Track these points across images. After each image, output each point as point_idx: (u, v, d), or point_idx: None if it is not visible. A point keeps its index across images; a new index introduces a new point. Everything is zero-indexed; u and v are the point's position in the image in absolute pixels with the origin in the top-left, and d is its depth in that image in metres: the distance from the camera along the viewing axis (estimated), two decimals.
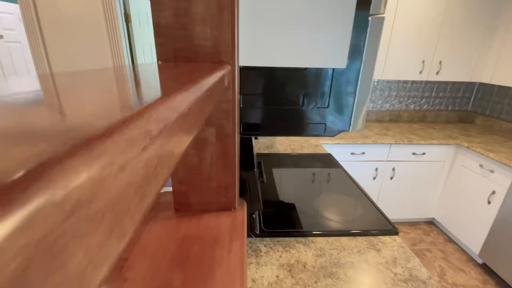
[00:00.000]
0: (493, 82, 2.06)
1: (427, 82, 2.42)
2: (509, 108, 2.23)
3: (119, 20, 2.23)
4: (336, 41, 0.62)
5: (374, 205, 1.06)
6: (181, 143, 0.17)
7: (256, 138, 1.76)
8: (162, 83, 0.25)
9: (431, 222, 2.36)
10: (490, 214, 1.80)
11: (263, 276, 0.74)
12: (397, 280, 0.73)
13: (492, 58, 2.07)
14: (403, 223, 2.33)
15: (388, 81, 2.38)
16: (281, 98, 0.74)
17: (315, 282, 0.72)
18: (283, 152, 1.71)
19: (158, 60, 0.55)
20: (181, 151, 0.17)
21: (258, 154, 1.64)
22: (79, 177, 0.06)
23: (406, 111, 2.49)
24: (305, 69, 0.69)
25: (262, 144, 1.86)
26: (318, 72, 0.70)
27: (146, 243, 0.61)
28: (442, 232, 2.25)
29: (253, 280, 0.72)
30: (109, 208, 0.08)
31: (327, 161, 1.53)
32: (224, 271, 0.55)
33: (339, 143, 1.95)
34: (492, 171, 1.77)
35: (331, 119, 0.75)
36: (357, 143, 1.94)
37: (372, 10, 0.64)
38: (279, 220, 0.96)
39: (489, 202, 1.80)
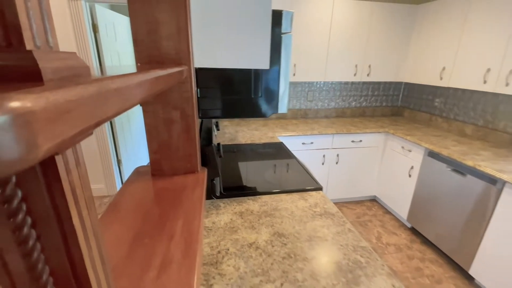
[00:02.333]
0: (411, 81, 2.58)
1: (364, 83, 2.89)
2: (426, 102, 2.77)
3: (87, 30, 2.38)
4: (259, 49, 0.93)
5: (307, 171, 1.39)
6: (162, 82, 0.44)
7: (218, 129, 2.02)
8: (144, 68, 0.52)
9: (373, 200, 2.81)
10: (411, 185, 2.26)
11: (221, 220, 1.01)
12: (315, 215, 1.05)
13: (409, 62, 2.59)
14: (350, 202, 2.74)
15: (332, 83, 2.81)
16: (228, 90, 1.03)
17: (258, 220, 1.00)
18: (244, 143, 2.00)
19: (137, 63, 0.81)
20: (158, 89, 0.44)
21: (223, 145, 1.91)
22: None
23: (349, 108, 2.94)
24: (242, 69, 0.99)
25: (226, 138, 2.13)
26: (252, 72, 1.00)
27: (132, 193, 0.85)
28: (381, 206, 2.69)
29: (213, 223, 0.99)
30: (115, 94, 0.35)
31: (279, 147, 1.85)
32: (189, 204, 0.81)
33: (291, 135, 2.29)
34: (410, 151, 2.24)
35: (264, 105, 1.06)
36: (306, 134, 2.30)
37: (283, 29, 0.96)
38: (235, 186, 1.24)
39: (409, 176, 2.26)
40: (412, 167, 2.23)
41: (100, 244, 0.27)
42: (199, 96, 0.99)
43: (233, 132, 2.35)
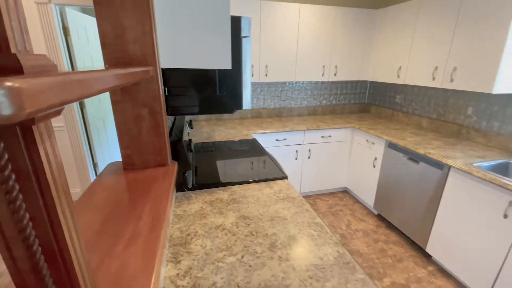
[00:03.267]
0: (374, 80, 2.80)
1: (332, 82, 3.08)
2: (389, 99, 3.00)
3: (58, 33, 2.37)
4: (221, 51, 1.03)
5: (275, 163, 1.51)
6: (123, 78, 0.53)
7: (191, 127, 2.10)
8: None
9: (345, 191, 2.99)
10: (375, 175, 2.45)
11: (191, 208, 1.09)
12: (278, 199, 1.16)
13: (371, 62, 2.81)
14: (323, 194, 2.91)
15: (303, 83, 2.97)
16: (195, 89, 1.12)
17: (226, 206, 1.10)
18: (219, 140, 2.09)
19: (105, 64, 0.88)
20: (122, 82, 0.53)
21: (201, 142, 1.99)
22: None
23: (320, 106, 3.12)
24: (207, 69, 1.08)
25: (203, 136, 2.21)
26: (217, 72, 1.10)
27: (105, 185, 0.92)
28: (352, 197, 2.88)
29: (184, 211, 1.07)
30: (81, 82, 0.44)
31: (252, 143, 1.96)
32: (158, 191, 0.89)
33: (266, 132, 2.41)
34: (373, 143, 2.43)
35: (229, 102, 1.16)
36: (279, 131, 2.43)
37: (243, 33, 1.07)
38: (207, 178, 1.33)
39: (374, 166, 2.45)
40: (375, 158, 2.42)
41: (69, 198, 0.35)
42: (167, 94, 1.07)
43: (209, 131, 2.43)
